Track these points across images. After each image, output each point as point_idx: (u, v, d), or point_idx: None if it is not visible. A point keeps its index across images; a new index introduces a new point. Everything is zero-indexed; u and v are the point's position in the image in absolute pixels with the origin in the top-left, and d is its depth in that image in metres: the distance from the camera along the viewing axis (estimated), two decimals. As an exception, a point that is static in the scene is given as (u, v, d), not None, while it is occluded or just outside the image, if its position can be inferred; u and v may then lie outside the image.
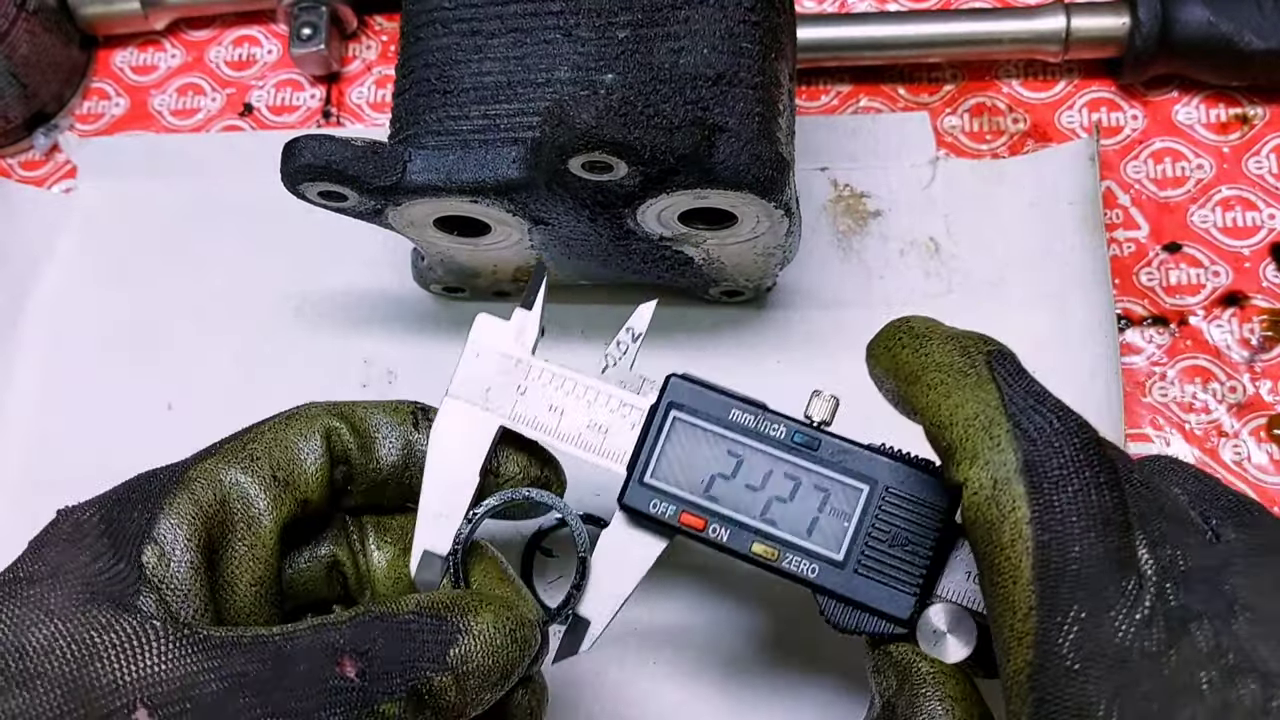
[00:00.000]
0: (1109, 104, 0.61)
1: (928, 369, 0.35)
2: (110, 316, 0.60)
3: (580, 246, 0.50)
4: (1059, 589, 0.30)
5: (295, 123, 0.65)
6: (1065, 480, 0.31)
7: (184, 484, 0.37)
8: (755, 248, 0.49)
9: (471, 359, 0.42)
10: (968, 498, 0.33)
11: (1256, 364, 0.55)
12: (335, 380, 0.58)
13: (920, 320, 0.37)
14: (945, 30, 0.60)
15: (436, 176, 0.45)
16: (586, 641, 0.40)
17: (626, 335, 0.42)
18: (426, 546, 0.40)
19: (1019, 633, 0.30)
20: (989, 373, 0.34)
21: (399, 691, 0.33)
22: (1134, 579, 0.30)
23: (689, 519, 0.39)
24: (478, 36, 0.47)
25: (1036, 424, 0.32)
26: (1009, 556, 0.31)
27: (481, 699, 0.35)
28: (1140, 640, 0.29)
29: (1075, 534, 0.30)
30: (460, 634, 0.35)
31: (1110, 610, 0.29)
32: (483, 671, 0.35)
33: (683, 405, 0.40)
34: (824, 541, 0.39)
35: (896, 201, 0.59)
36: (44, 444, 0.58)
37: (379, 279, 0.59)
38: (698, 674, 0.50)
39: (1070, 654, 0.29)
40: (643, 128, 0.40)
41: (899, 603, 0.38)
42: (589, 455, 0.41)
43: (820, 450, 0.39)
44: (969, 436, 0.33)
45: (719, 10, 0.45)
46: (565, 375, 0.41)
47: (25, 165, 0.65)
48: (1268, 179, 0.58)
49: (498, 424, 0.41)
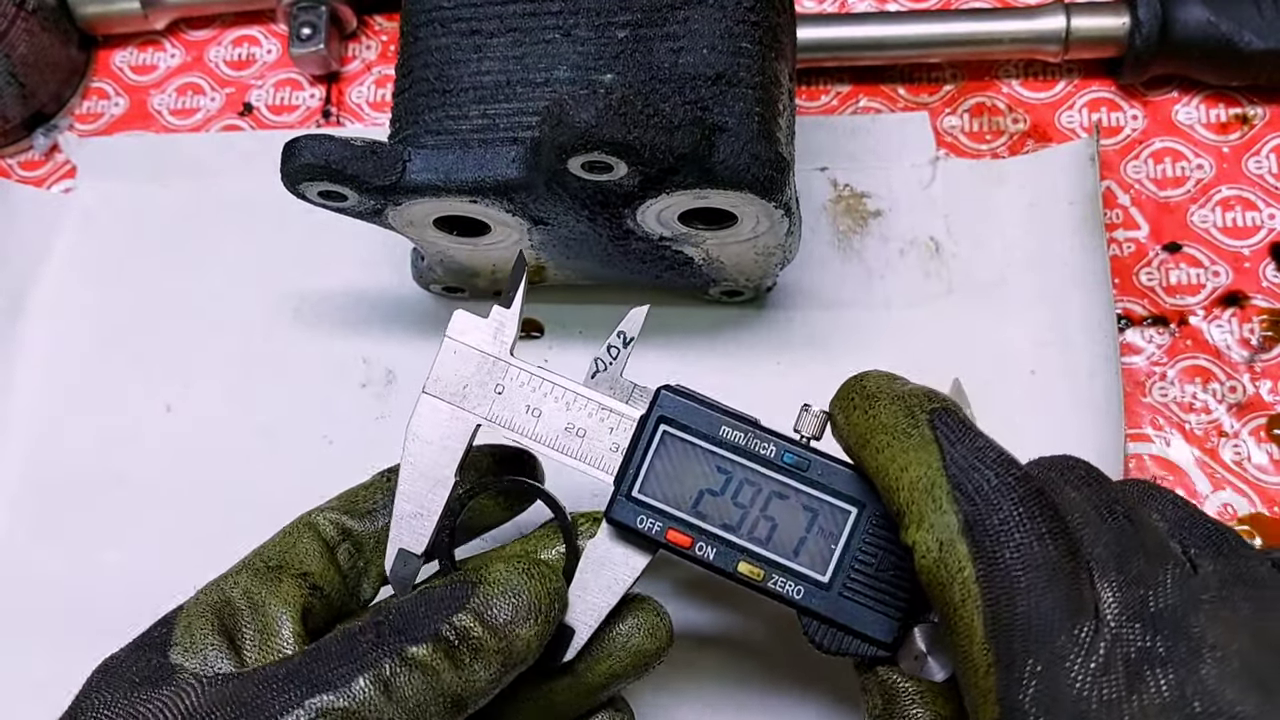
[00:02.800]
0: (1109, 104, 0.61)
1: (876, 431, 0.36)
2: (110, 316, 0.60)
3: (580, 246, 0.50)
4: (1013, 644, 0.30)
5: (295, 122, 0.65)
6: (1006, 535, 0.31)
7: (190, 601, 0.39)
8: (755, 248, 0.49)
9: (448, 356, 0.41)
10: (917, 561, 0.33)
11: (1256, 364, 0.55)
12: (335, 380, 0.58)
13: (873, 379, 0.38)
14: (945, 30, 0.60)
15: (436, 176, 0.45)
16: (571, 650, 0.40)
17: (618, 340, 0.41)
18: (402, 545, 0.40)
19: (983, 690, 0.31)
20: (931, 433, 0.34)
21: (423, 636, 0.35)
22: (1088, 625, 0.30)
23: (675, 536, 0.39)
24: (477, 36, 0.47)
25: (975, 482, 0.32)
26: (962, 616, 0.31)
27: (520, 635, 0.36)
28: (1097, 689, 0.29)
29: (1021, 588, 0.30)
30: (476, 585, 0.37)
31: (1065, 661, 0.29)
32: (509, 610, 0.36)
33: (673, 420, 0.40)
34: (810, 563, 0.38)
35: (896, 201, 0.59)
36: (43, 444, 0.58)
37: (379, 279, 0.59)
38: (693, 688, 0.50)
39: (1031, 708, 0.29)
40: (642, 127, 0.40)
41: (882, 626, 0.38)
42: (567, 459, 0.40)
43: (810, 470, 0.39)
44: (914, 500, 0.33)
45: (718, 10, 0.45)
46: (543, 377, 0.41)
47: (24, 165, 0.65)
48: (1268, 179, 0.58)
49: (474, 423, 0.41)
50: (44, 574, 0.56)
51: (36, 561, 0.56)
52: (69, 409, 0.58)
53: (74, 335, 0.60)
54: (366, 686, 0.34)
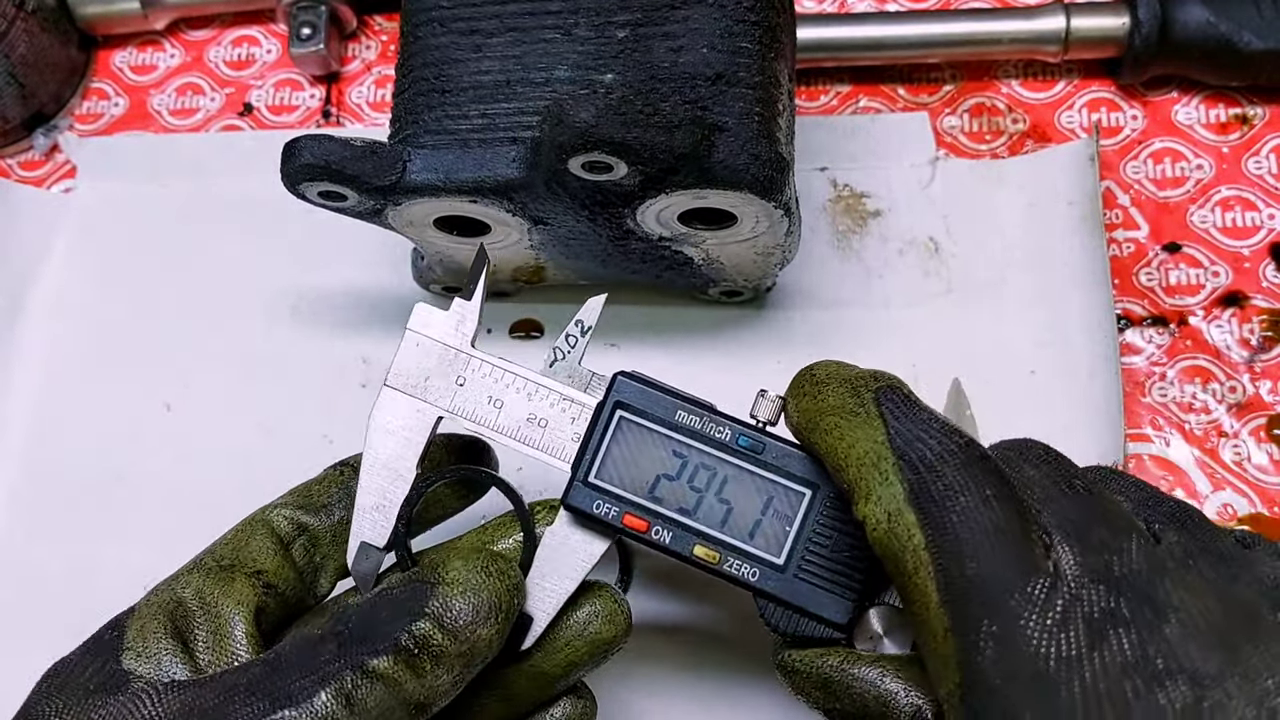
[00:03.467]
0: (1109, 104, 0.61)
1: (824, 414, 0.36)
2: (109, 316, 0.60)
3: (579, 246, 0.50)
4: (967, 607, 0.30)
5: (295, 122, 0.65)
6: (952, 499, 0.32)
7: (141, 602, 0.39)
8: (755, 248, 0.49)
9: (410, 349, 0.41)
10: (869, 534, 0.33)
11: (1256, 364, 0.55)
12: (334, 380, 0.58)
13: (823, 366, 0.38)
14: (945, 30, 0.60)
15: (436, 176, 0.45)
16: (530, 638, 0.40)
17: (575, 329, 0.41)
18: (364, 539, 0.40)
19: (943, 656, 0.31)
20: (876, 410, 0.35)
21: (384, 648, 0.34)
22: (1042, 582, 0.30)
23: (632, 520, 0.39)
24: (476, 35, 0.47)
25: (919, 452, 0.33)
26: (916, 584, 0.32)
27: (480, 636, 0.36)
28: (1055, 644, 0.29)
29: (970, 550, 0.31)
30: (434, 585, 0.36)
31: (1019, 619, 0.29)
32: (468, 612, 0.36)
33: (629, 405, 0.40)
34: (766, 545, 0.39)
35: (896, 201, 0.59)
36: (43, 444, 0.58)
37: (379, 279, 0.59)
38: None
39: (991, 670, 0.29)
40: (642, 127, 0.40)
41: (837, 608, 0.38)
42: (529, 450, 0.40)
43: (765, 453, 0.39)
44: (861, 475, 0.34)
45: (718, 9, 0.45)
46: (505, 368, 0.41)
47: (24, 165, 0.65)
48: (1267, 179, 0.58)
49: (436, 415, 0.40)
50: (44, 573, 0.56)
51: (36, 561, 0.56)
52: (69, 408, 0.58)
53: (74, 335, 0.60)
54: (329, 701, 0.33)
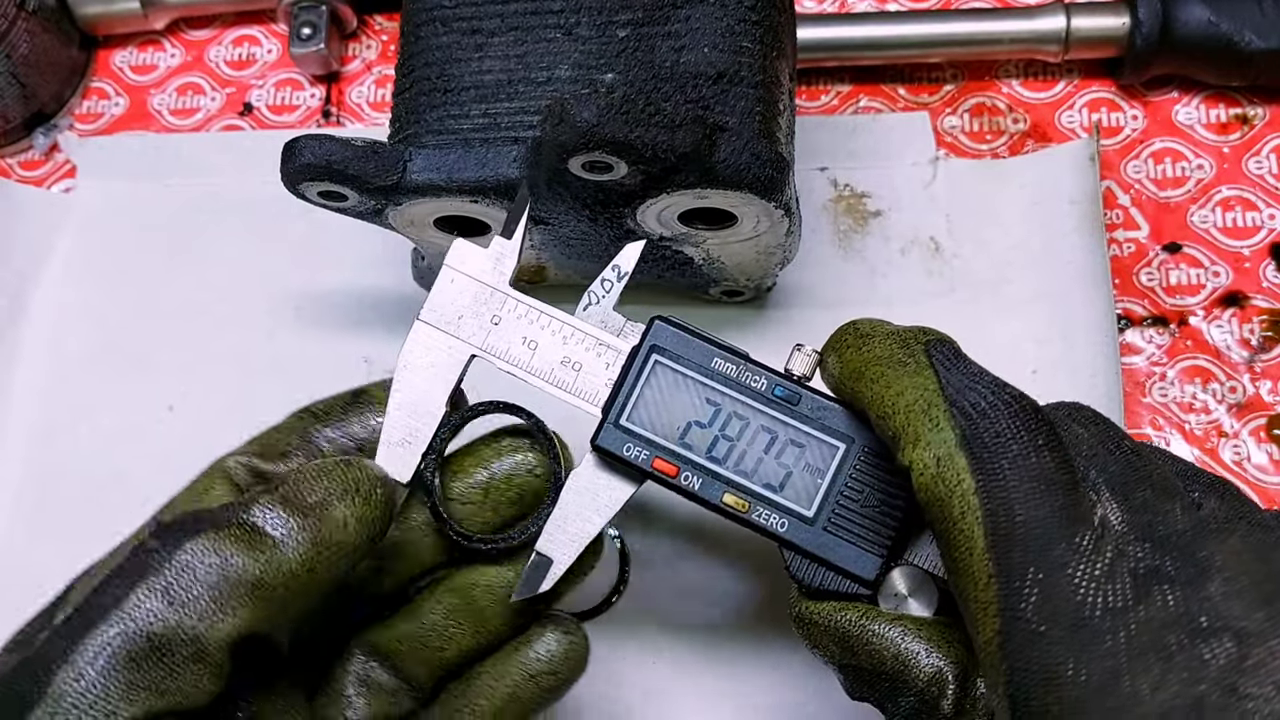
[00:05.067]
0: (1109, 104, 0.61)
1: (870, 364, 0.36)
2: (110, 316, 0.60)
3: (580, 246, 0.50)
4: (1012, 553, 0.30)
5: (295, 122, 0.65)
6: (1003, 447, 0.32)
7: (97, 564, 0.37)
8: (755, 247, 0.49)
9: (446, 284, 0.40)
10: (915, 479, 0.33)
11: (1256, 364, 0.55)
12: (335, 380, 0.57)
13: (866, 321, 0.38)
14: (945, 30, 0.60)
15: (437, 176, 0.45)
16: (548, 580, 0.39)
17: (612, 273, 0.41)
18: (388, 473, 0.39)
19: (983, 603, 0.31)
20: (927, 360, 0.35)
21: (203, 527, 0.33)
22: (1088, 534, 0.30)
23: (661, 464, 0.39)
24: (478, 35, 0.47)
25: (972, 400, 0.33)
26: (962, 529, 0.31)
27: (332, 517, 0.35)
28: (1101, 595, 0.29)
29: (1020, 496, 0.31)
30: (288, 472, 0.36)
31: (1066, 568, 0.30)
32: (318, 491, 0.35)
33: (665, 350, 0.39)
34: (796, 497, 0.38)
35: (897, 201, 0.59)
36: (44, 444, 0.58)
37: (379, 279, 0.59)
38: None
39: (1033, 617, 0.29)
40: (643, 126, 0.40)
41: (865, 563, 0.37)
42: (561, 393, 0.40)
43: (800, 405, 0.39)
44: (910, 421, 0.34)
45: (720, 9, 0.45)
46: (541, 309, 0.40)
47: (25, 165, 0.65)
48: (1268, 179, 0.58)
49: (469, 353, 0.40)
50: (44, 574, 0.55)
51: (36, 562, 0.55)
52: (70, 409, 0.58)
53: (75, 335, 0.60)
54: (145, 597, 0.32)
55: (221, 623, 0.32)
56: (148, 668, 0.31)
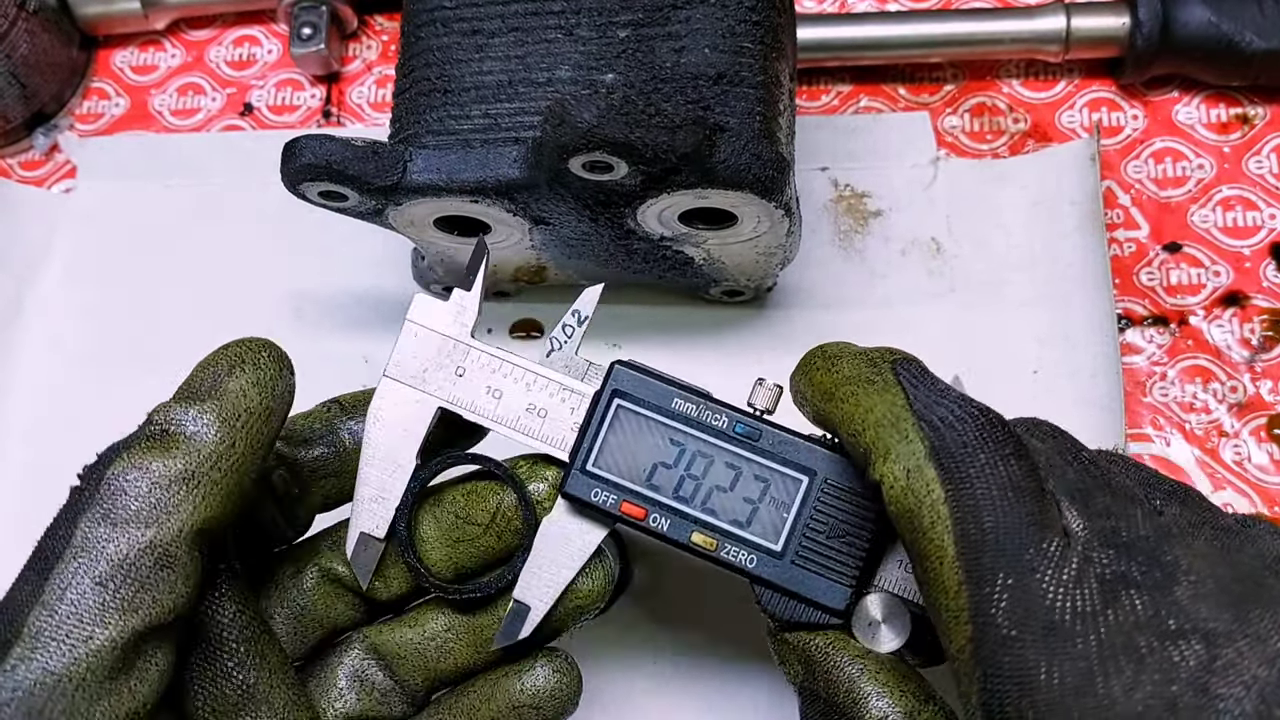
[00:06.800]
0: (1109, 104, 0.61)
1: (840, 384, 0.37)
2: (110, 316, 0.60)
3: (580, 246, 0.50)
4: (982, 559, 0.31)
5: (295, 122, 0.65)
6: (971, 457, 0.32)
7: None
8: (756, 247, 0.49)
9: (409, 340, 0.41)
10: (886, 492, 0.34)
11: (1257, 364, 0.55)
12: (335, 380, 0.57)
13: (833, 344, 0.39)
14: (945, 30, 0.60)
15: (437, 176, 0.45)
16: (527, 627, 0.40)
17: (572, 319, 0.41)
18: (363, 530, 0.40)
19: (955, 610, 0.31)
20: (894, 378, 0.36)
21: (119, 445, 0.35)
22: (1056, 540, 0.31)
23: (630, 508, 0.39)
24: (478, 36, 0.47)
25: (940, 414, 0.34)
26: (932, 539, 0.32)
27: (230, 389, 0.36)
28: (1069, 600, 0.30)
29: (988, 504, 0.31)
30: None
31: (1036, 573, 0.30)
32: (211, 371, 0.37)
33: (626, 394, 0.40)
34: (763, 532, 0.39)
35: (897, 201, 0.59)
36: (44, 444, 0.58)
37: (379, 279, 0.59)
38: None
39: (1004, 622, 0.30)
40: (644, 127, 0.40)
41: (835, 594, 0.38)
42: (528, 440, 0.40)
43: (761, 440, 0.39)
44: (880, 436, 0.34)
45: (720, 9, 0.45)
46: (503, 358, 0.41)
47: (25, 165, 0.65)
48: (1268, 179, 0.58)
49: (435, 406, 0.41)
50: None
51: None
52: (69, 409, 0.58)
53: (74, 335, 0.60)
54: (90, 526, 0.33)
55: (169, 522, 0.33)
56: (114, 588, 0.32)
